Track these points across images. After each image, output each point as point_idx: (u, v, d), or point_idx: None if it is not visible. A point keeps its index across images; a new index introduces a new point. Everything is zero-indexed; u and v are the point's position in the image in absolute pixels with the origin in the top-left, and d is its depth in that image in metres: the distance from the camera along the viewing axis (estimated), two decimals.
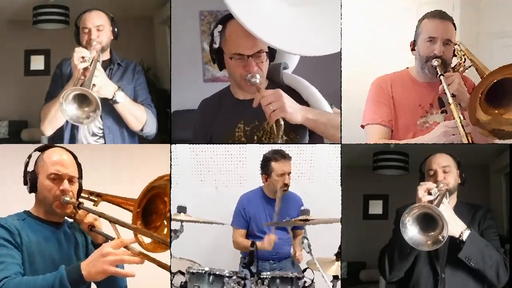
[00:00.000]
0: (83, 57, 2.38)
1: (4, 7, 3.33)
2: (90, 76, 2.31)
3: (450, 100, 2.27)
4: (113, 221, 1.82)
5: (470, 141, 2.18)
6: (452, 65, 2.54)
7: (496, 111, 2.20)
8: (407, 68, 2.56)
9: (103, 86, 2.42)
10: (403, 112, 2.44)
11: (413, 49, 2.50)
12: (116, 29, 2.65)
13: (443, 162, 2.26)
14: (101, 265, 1.63)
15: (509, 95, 2.19)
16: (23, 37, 3.49)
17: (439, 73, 2.34)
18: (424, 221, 1.92)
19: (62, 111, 2.22)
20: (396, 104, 2.44)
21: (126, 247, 1.69)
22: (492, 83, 2.13)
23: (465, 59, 2.49)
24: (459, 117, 2.20)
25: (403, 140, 2.40)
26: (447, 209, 2.03)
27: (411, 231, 1.92)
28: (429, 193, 2.06)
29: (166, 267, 1.82)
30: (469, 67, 2.47)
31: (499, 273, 2.09)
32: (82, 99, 2.25)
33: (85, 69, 2.37)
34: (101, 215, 1.91)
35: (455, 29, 2.43)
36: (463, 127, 2.19)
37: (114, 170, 2.90)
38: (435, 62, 2.37)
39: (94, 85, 2.31)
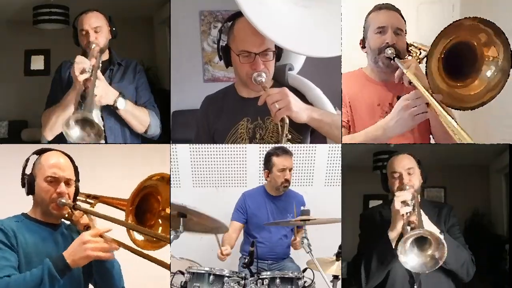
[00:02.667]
0: (83, 68, 2.34)
1: (4, 7, 3.33)
2: (91, 89, 2.27)
3: (411, 76, 2.10)
4: (106, 218, 1.86)
5: (443, 110, 1.97)
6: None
7: (459, 84, 2.04)
8: (361, 68, 2.48)
9: (104, 94, 2.39)
10: (361, 112, 2.37)
11: (363, 47, 2.41)
12: (114, 28, 2.64)
13: (407, 165, 2.22)
14: (83, 251, 1.73)
15: (466, 66, 2.05)
16: (23, 37, 3.50)
17: (393, 59, 2.23)
18: (416, 242, 1.91)
19: (66, 136, 2.17)
20: (352, 103, 2.36)
21: (101, 235, 1.77)
22: (445, 48, 1.97)
23: (420, 52, 2.36)
24: (423, 87, 2.02)
25: None
26: (423, 217, 2.02)
27: (411, 260, 1.89)
28: (407, 204, 2.04)
29: (166, 266, 1.83)
30: (425, 57, 2.27)
31: (468, 270, 2.14)
32: (85, 121, 2.19)
33: (86, 79, 2.34)
34: (95, 213, 1.93)
35: (405, 22, 2.33)
36: (431, 95, 1.97)
37: (114, 170, 2.90)
38: (388, 51, 2.26)
39: (95, 95, 2.28)
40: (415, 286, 2.15)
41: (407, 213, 2.01)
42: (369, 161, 3.57)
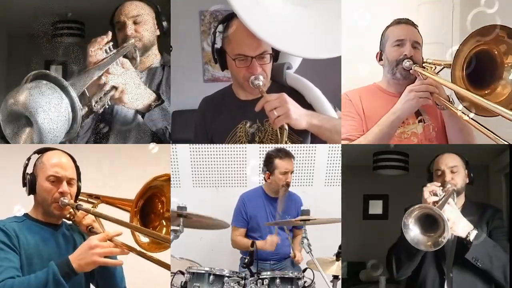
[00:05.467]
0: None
1: (26, 23, 3.49)
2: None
3: (434, 77, 2.17)
4: (108, 219, 1.84)
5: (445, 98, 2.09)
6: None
7: (486, 92, 2.09)
8: (375, 83, 2.49)
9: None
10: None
11: (380, 59, 2.43)
12: (164, 22, 2.38)
13: (450, 163, 2.23)
14: (90, 257, 1.69)
15: (488, 74, 2.09)
16: (43, 50, 3.67)
17: (413, 68, 2.28)
18: (427, 222, 1.91)
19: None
20: (367, 116, 2.35)
21: (110, 239, 1.74)
22: (468, 56, 2.03)
23: (435, 67, 2.36)
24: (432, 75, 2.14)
25: None
26: (453, 210, 2.02)
27: (413, 232, 1.92)
28: (435, 194, 2.05)
29: (167, 266, 1.82)
30: (441, 70, 2.33)
31: (505, 273, 2.07)
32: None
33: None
34: (98, 214, 1.92)
35: (421, 38, 2.38)
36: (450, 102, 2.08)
37: (114, 170, 2.90)
38: (406, 63, 2.30)
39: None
40: (445, 286, 2.15)
41: (434, 202, 2.01)
42: (369, 161, 3.57)
